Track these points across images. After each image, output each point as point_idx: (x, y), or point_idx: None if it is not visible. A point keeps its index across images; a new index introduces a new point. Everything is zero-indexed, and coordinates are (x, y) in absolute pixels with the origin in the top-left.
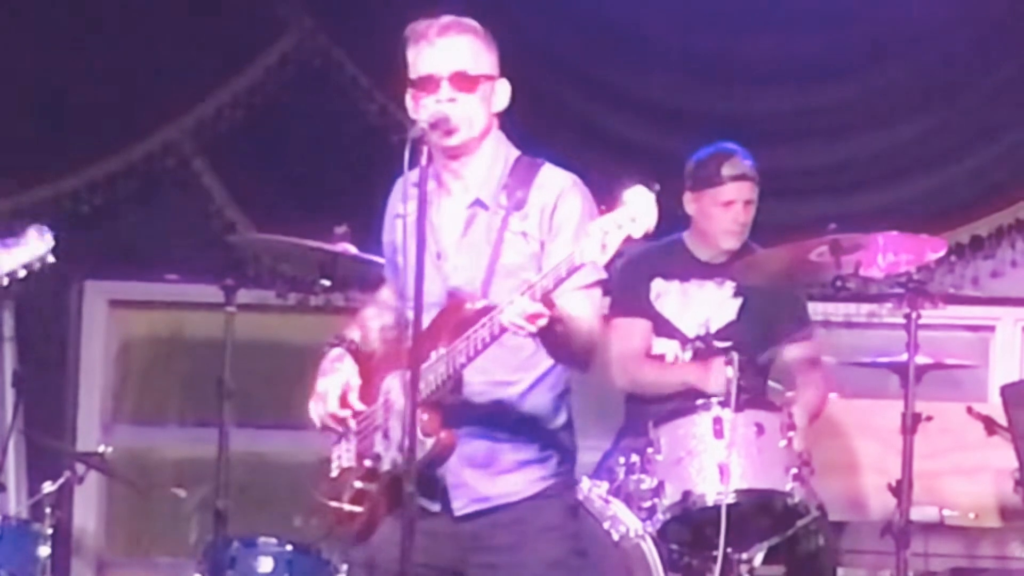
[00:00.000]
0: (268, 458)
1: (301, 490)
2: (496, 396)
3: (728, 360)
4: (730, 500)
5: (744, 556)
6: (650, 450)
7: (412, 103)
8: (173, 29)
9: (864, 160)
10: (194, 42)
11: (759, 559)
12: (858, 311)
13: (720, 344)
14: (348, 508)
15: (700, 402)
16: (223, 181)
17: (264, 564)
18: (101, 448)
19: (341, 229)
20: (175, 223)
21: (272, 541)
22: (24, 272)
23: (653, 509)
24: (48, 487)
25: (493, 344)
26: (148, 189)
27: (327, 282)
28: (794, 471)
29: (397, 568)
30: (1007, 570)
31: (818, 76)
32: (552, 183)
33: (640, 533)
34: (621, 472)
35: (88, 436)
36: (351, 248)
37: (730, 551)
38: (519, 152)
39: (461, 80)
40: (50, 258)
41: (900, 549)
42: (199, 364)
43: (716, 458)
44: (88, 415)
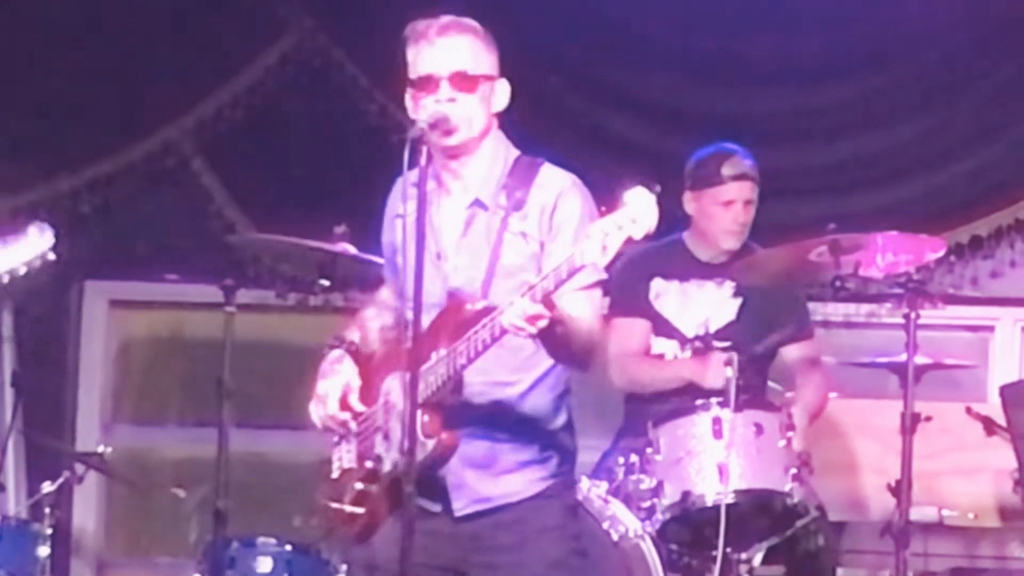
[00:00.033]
0: (268, 458)
1: (301, 490)
2: (496, 396)
3: (728, 360)
4: (729, 500)
5: (743, 556)
6: (649, 450)
7: (412, 103)
8: (173, 29)
9: (864, 160)
10: (194, 42)
11: (758, 559)
12: (857, 311)
13: (720, 344)
14: (349, 509)
15: (699, 402)
16: (223, 181)
17: (264, 564)
18: (101, 448)
19: (341, 229)
20: (175, 223)
21: (272, 541)
22: (25, 270)
23: (652, 509)
24: (48, 487)
25: (493, 345)
26: (148, 189)
27: (327, 282)
28: (793, 471)
29: (398, 568)
30: (1007, 570)
31: (818, 76)
32: (552, 183)
33: (639, 533)
34: (620, 472)
35: (88, 436)
36: (351, 248)
37: (729, 551)
38: (519, 152)
39: (461, 80)
40: (51, 255)
41: (900, 549)
42: (199, 364)
43: (715, 458)
44: (88, 415)
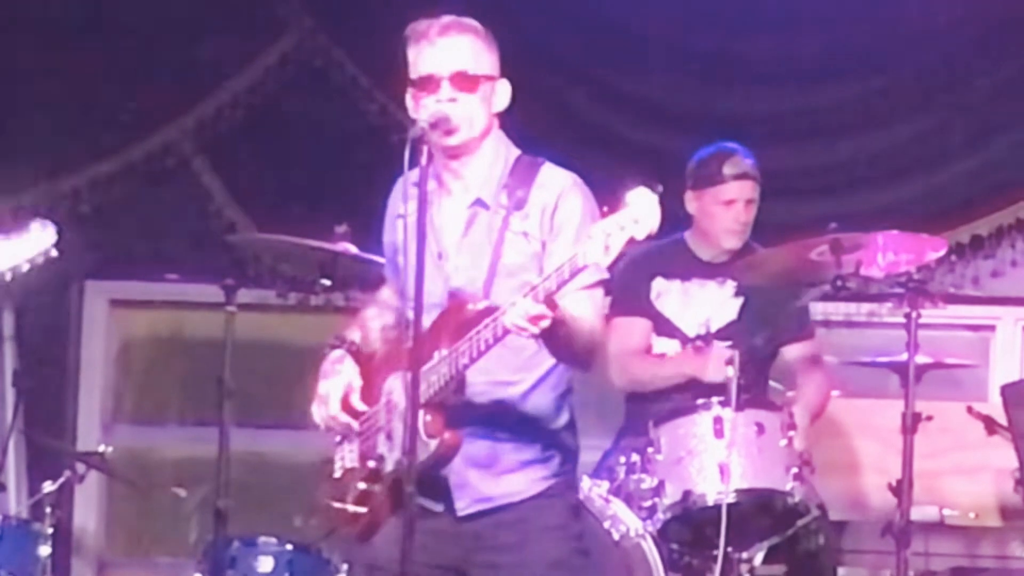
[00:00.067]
0: (268, 458)
1: (301, 490)
2: (498, 396)
3: (729, 359)
4: (730, 500)
5: (744, 555)
6: (650, 449)
7: (412, 103)
8: (173, 29)
9: (864, 160)
10: (194, 42)
11: (759, 558)
12: (858, 310)
13: (720, 344)
14: (351, 509)
15: (701, 401)
16: (223, 181)
17: (264, 564)
18: (101, 448)
19: (341, 229)
20: (175, 223)
21: (272, 541)
22: (28, 267)
23: (653, 508)
24: (48, 487)
25: (496, 345)
26: (148, 189)
27: (327, 282)
28: (794, 470)
29: (399, 568)
30: (1007, 570)
31: (818, 76)
32: (553, 182)
33: (640, 532)
34: (621, 471)
35: (88, 436)
36: (351, 248)
37: (730, 550)
38: (519, 151)
39: (462, 80)
40: (53, 252)
41: (900, 549)
42: (199, 364)
43: (716, 458)
44: (88, 415)
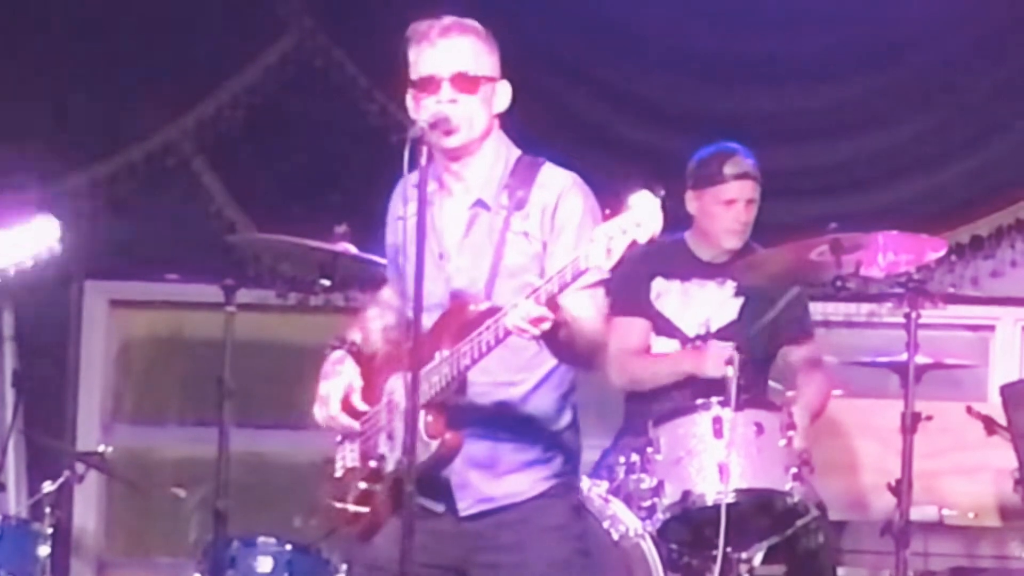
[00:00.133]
0: (268, 458)
1: (301, 490)
2: (499, 396)
3: (729, 359)
4: (730, 500)
5: (744, 555)
6: (650, 449)
7: (413, 104)
8: (173, 29)
9: (864, 160)
10: (194, 42)
11: (759, 559)
12: (858, 311)
13: (720, 344)
14: (352, 509)
15: (700, 402)
16: (223, 181)
17: (264, 564)
18: (101, 448)
19: (341, 229)
20: (175, 223)
21: (272, 541)
22: (31, 263)
23: (653, 508)
24: (48, 487)
25: (497, 347)
26: (148, 189)
27: (327, 282)
28: (794, 471)
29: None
30: (1007, 570)
31: (818, 76)
32: (553, 182)
33: (640, 532)
34: (621, 471)
35: (88, 436)
36: (351, 248)
37: (730, 551)
38: (520, 152)
39: (462, 81)
40: (57, 247)
41: (900, 549)
42: (199, 364)
43: (716, 458)
44: (88, 415)
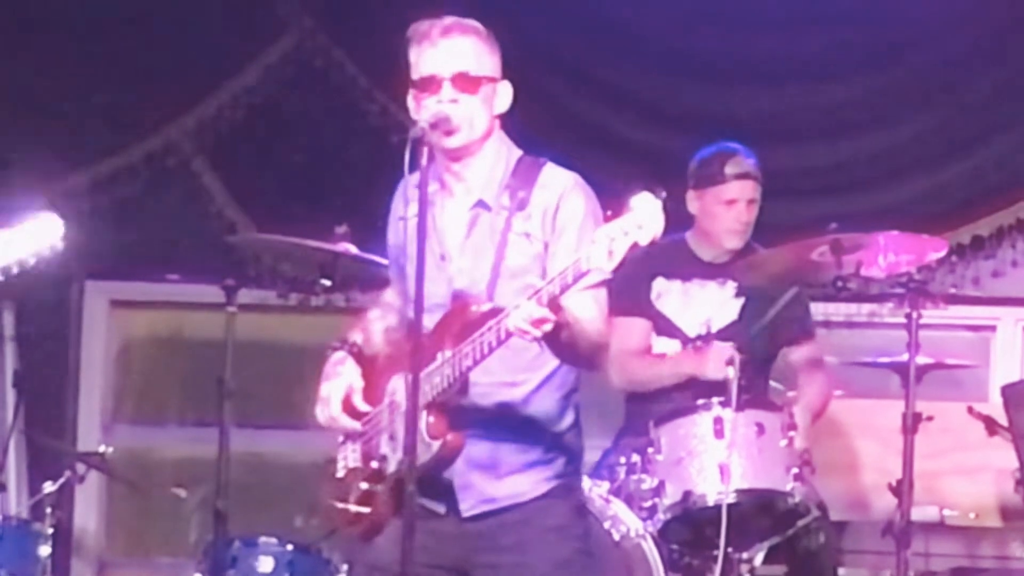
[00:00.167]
0: (268, 458)
1: (301, 490)
2: (502, 397)
3: (729, 359)
4: (731, 500)
5: (745, 556)
6: (650, 450)
7: (414, 104)
8: (173, 29)
9: (864, 160)
10: (194, 42)
11: (760, 559)
12: (859, 311)
13: (721, 344)
14: (354, 509)
15: (701, 402)
16: (223, 181)
17: (264, 564)
18: (101, 448)
19: (341, 229)
20: (175, 223)
21: (272, 541)
22: (34, 260)
23: (654, 509)
24: (48, 487)
25: (499, 348)
26: (149, 189)
27: (328, 282)
28: (795, 471)
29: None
30: (1007, 570)
31: (819, 76)
32: (554, 183)
33: (641, 533)
34: (622, 472)
35: (88, 436)
36: (351, 248)
37: (731, 551)
38: (521, 152)
39: (463, 81)
40: (59, 245)
41: (901, 549)
42: (199, 364)
43: (717, 458)
44: (88, 415)
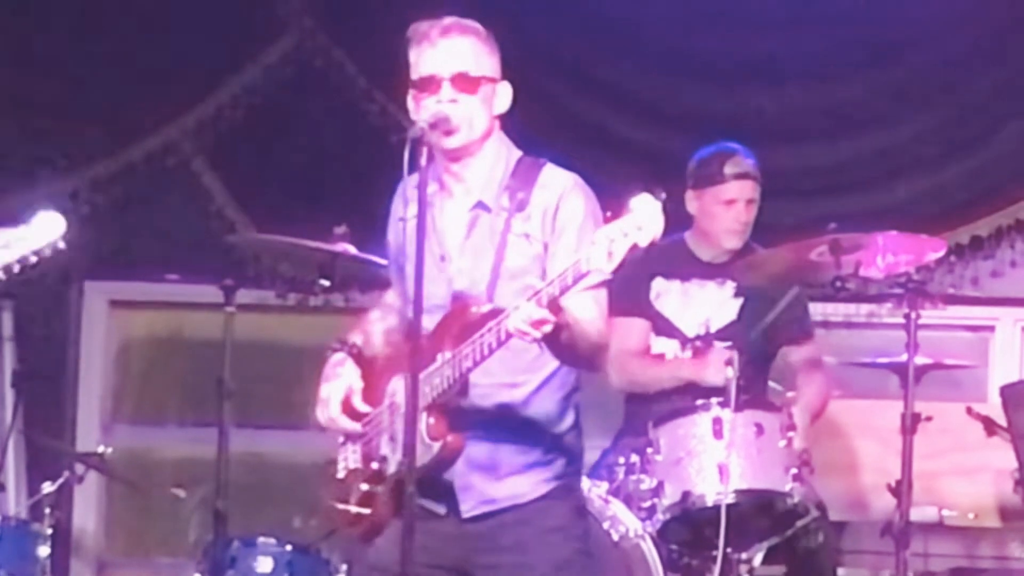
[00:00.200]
0: (268, 458)
1: (301, 490)
2: (502, 398)
3: (728, 360)
4: (730, 500)
5: (744, 556)
6: (650, 450)
7: (414, 104)
8: (173, 29)
9: (864, 160)
10: (194, 42)
11: (759, 559)
12: (858, 311)
13: (720, 344)
14: (355, 510)
15: (700, 402)
16: (223, 181)
17: (264, 564)
18: (101, 448)
19: (341, 229)
20: (175, 223)
21: (272, 541)
22: (36, 259)
23: (653, 509)
24: (48, 487)
25: (499, 349)
26: (148, 189)
27: (327, 282)
28: (794, 471)
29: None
30: (1007, 570)
31: (819, 76)
32: (554, 183)
33: (640, 533)
34: (621, 472)
35: (88, 436)
36: (351, 248)
37: (730, 551)
38: (521, 153)
39: (463, 81)
40: (61, 244)
41: (900, 549)
42: (199, 364)
43: (716, 458)
44: (88, 415)
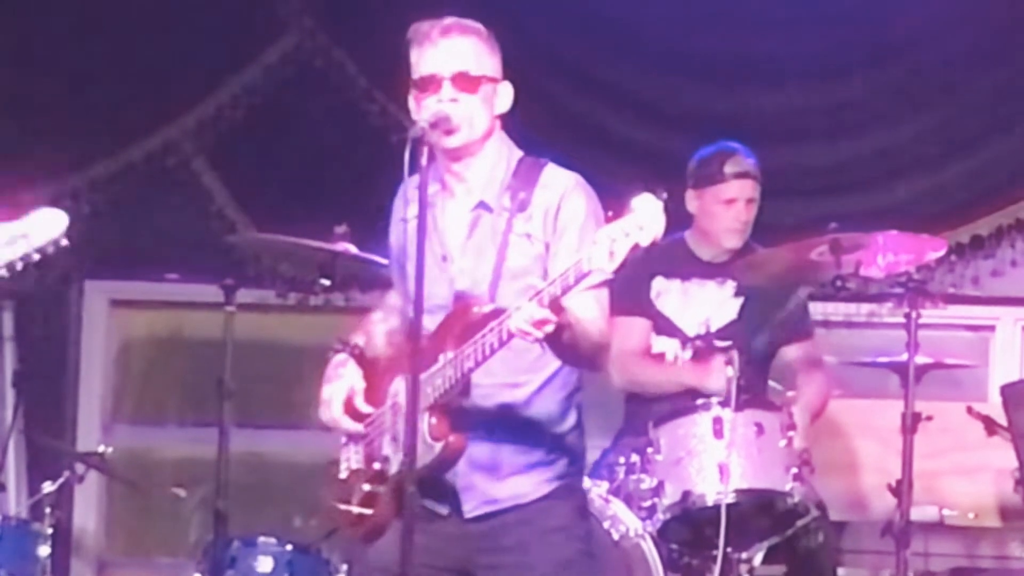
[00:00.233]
0: (268, 458)
1: (301, 490)
2: (504, 399)
3: (728, 360)
4: (730, 500)
5: (744, 556)
6: (650, 450)
7: (415, 105)
8: (173, 29)
9: (864, 160)
10: (194, 42)
11: (759, 559)
12: (858, 311)
13: (720, 343)
14: (357, 511)
15: (700, 402)
16: (223, 181)
17: (264, 564)
18: (101, 448)
19: (341, 229)
20: (175, 223)
21: (272, 541)
22: (38, 256)
23: (653, 509)
24: (48, 487)
25: (501, 349)
26: (148, 189)
27: (327, 282)
28: (794, 471)
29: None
30: (1007, 570)
31: (818, 76)
32: (555, 183)
33: (640, 533)
34: (621, 472)
35: (88, 436)
36: (351, 248)
37: (730, 551)
38: (522, 153)
39: (463, 80)
40: (64, 241)
41: (900, 549)
42: (199, 364)
43: (716, 458)
44: (88, 415)
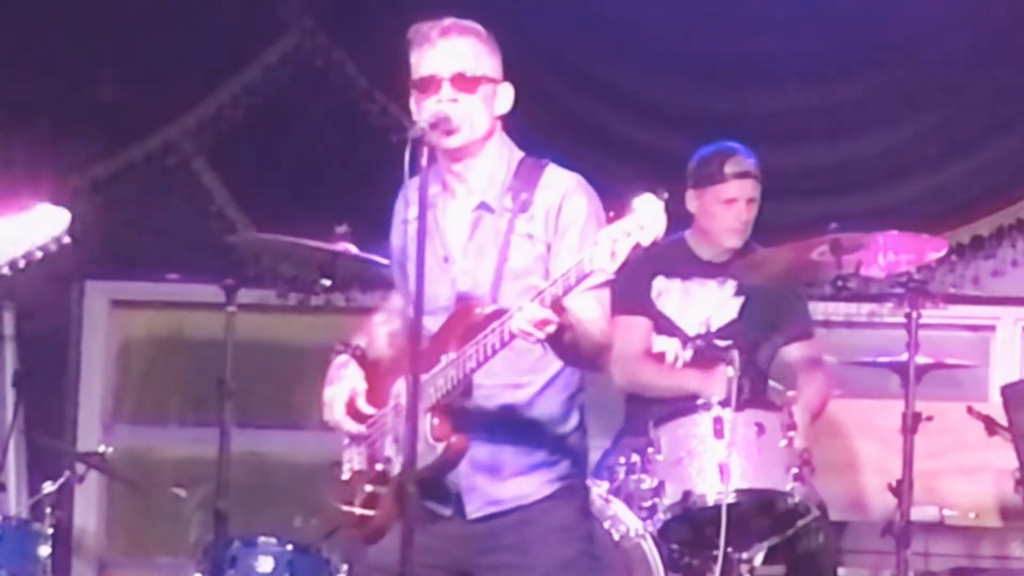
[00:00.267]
0: (268, 458)
1: (301, 490)
2: (506, 399)
3: (729, 360)
4: (730, 500)
5: (744, 556)
6: (650, 450)
7: (415, 105)
8: (173, 29)
9: (864, 160)
10: (194, 42)
11: (759, 559)
12: (859, 311)
13: (720, 343)
14: (359, 512)
15: (700, 402)
16: (223, 181)
17: (264, 564)
18: (101, 448)
19: (341, 229)
20: (175, 223)
21: (272, 541)
22: (40, 254)
23: (653, 509)
24: (48, 487)
25: (503, 350)
26: (149, 189)
27: (327, 282)
28: (794, 471)
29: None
30: (1007, 570)
31: (819, 76)
32: (557, 183)
33: (640, 533)
34: (621, 472)
35: (88, 436)
36: (351, 248)
37: (730, 551)
38: (523, 153)
39: (462, 81)
40: (66, 239)
41: (900, 549)
42: (199, 364)
43: (716, 458)
44: (88, 415)
